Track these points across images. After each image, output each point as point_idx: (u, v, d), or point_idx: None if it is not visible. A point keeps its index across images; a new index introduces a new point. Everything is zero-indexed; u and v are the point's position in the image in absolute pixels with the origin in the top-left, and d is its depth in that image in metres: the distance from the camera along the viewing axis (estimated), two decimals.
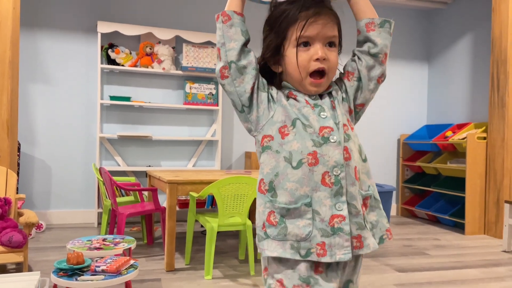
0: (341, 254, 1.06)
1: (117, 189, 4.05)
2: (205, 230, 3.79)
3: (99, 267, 1.90)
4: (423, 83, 5.74)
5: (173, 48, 4.70)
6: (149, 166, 4.71)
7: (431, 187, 4.96)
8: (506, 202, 3.68)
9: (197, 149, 4.91)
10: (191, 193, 3.05)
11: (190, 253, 3.14)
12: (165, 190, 3.01)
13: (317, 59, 1.09)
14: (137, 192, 3.87)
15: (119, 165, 4.61)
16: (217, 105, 4.79)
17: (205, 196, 2.89)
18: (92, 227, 4.38)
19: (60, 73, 4.49)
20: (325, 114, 1.11)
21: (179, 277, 2.84)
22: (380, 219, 1.16)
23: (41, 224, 4.18)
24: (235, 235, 4.07)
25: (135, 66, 4.53)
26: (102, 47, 4.47)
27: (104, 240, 2.44)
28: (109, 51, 4.45)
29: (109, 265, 1.92)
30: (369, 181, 1.15)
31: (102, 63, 4.46)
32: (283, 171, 1.08)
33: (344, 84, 1.18)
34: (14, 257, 2.54)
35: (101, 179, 3.62)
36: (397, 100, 5.61)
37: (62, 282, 1.83)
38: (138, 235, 3.95)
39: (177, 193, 2.95)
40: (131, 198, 3.97)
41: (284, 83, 1.16)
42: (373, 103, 6.07)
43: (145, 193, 3.95)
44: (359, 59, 1.15)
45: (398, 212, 5.56)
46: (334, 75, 1.16)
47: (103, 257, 2.05)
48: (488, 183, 4.32)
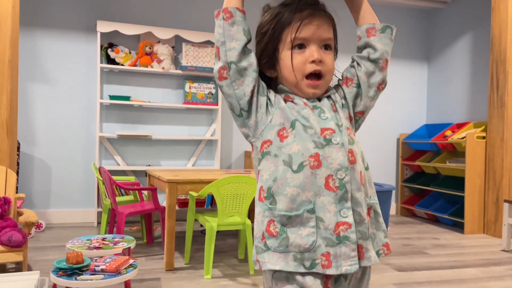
0: (347, 265, 0.98)
1: (116, 189, 4.05)
2: (205, 229, 3.80)
3: (99, 266, 1.90)
4: (423, 83, 5.74)
5: (173, 47, 4.69)
6: (149, 165, 4.71)
7: (431, 186, 4.96)
8: (505, 201, 3.68)
9: (197, 149, 4.91)
10: (190, 192, 3.05)
11: (189, 253, 3.14)
12: (165, 189, 3.02)
13: (312, 61, 1.05)
14: (137, 191, 3.87)
15: (118, 165, 4.61)
16: (217, 105, 4.79)
17: (205, 195, 2.90)
18: (91, 226, 4.38)
19: (59, 73, 4.49)
20: (325, 115, 1.06)
21: (178, 276, 2.84)
22: (377, 233, 1.09)
23: (41, 223, 4.18)
24: (235, 234, 4.07)
25: (135, 65, 4.53)
26: (101, 46, 4.46)
27: (103, 239, 2.44)
28: (109, 51, 4.45)
29: (108, 264, 1.92)
30: (371, 191, 1.09)
31: (101, 63, 4.45)
32: (282, 175, 1.01)
33: (342, 90, 1.13)
34: (13, 257, 2.54)
35: (101, 179, 3.62)
36: (396, 99, 5.61)
37: (61, 281, 1.83)
38: (137, 235, 3.95)
39: (177, 193, 2.95)
40: (130, 197, 3.97)
41: (280, 86, 1.11)
42: None
43: (145, 193, 3.95)
44: (358, 65, 1.11)
45: (397, 211, 5.56)
46: (331, 79, 1.11)
47: (102, 257, 2.05)
48: (487, 182, 4.32)
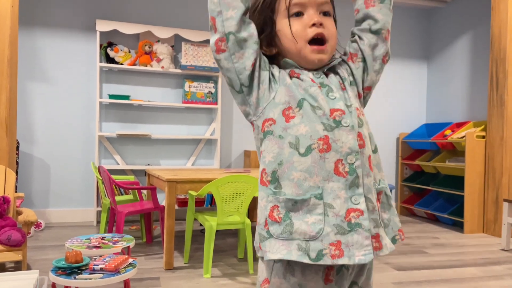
0: (361, 255, 0.90)
1: (116, 188, 4.05)
2: (204, 228, 3.80)
3: (98, 265, 1.90)
4: (422, 82, 5.74)
5: (172, 46, 4.69)
6: (148, 164, 4.71)
7: (430, 185, 4.96)
8: (505, 200, 3.68)
9: (196, 148, 4.90)
10: (190, 191, 3.04)
11: (189, 252, 3.13)
12: (164, 188, 3.01)
13: (313, 25, 0.99)
14: (136, 190, 3.87)
15: (118, 164, 4.61)
16: (216, 104, 4.79)
17: (204, 194, 2.89)
18: (91, 225, 4.37)
19: (58, 72, 4.48)
20: (334, 95, 0.99)
21: (178, 275, 2.84)
22: (392, 218, 1.02)
23: (40, 222, 4.17)
24: (234, 233, 4.07)
25: (134, 64, 4.52)
26: (101, 45, 4.46)
27: (103, 238, 2.44)
28: (108, 50, 4.44)
29: (107, 263, 1.92)
30: (380, 175, 1.02)
31: (101, 62, 4.45)
32: (288, 158, 0.94)
33: (349, 66, 1.06)
34: (12, 256, 2.54)
35: (100, 178, 3.62)
36: (396, 98, 5.61)
37: (60, 280, 1.82)
38: (137, 234, 3.95)
39: (176, 192, 2.95)
40: (130, 196, 3.97)
41: (285, 59, 1.03)
42: (372, 102, 5.96)
43: (144, 192, 3.95)
44: (360, 38, 1.05)
45: (397, 210, 5.56)
46: (335, 44, 1.05)
47: (101, 256, 2.05)
48: (487, 181, 4.32)
